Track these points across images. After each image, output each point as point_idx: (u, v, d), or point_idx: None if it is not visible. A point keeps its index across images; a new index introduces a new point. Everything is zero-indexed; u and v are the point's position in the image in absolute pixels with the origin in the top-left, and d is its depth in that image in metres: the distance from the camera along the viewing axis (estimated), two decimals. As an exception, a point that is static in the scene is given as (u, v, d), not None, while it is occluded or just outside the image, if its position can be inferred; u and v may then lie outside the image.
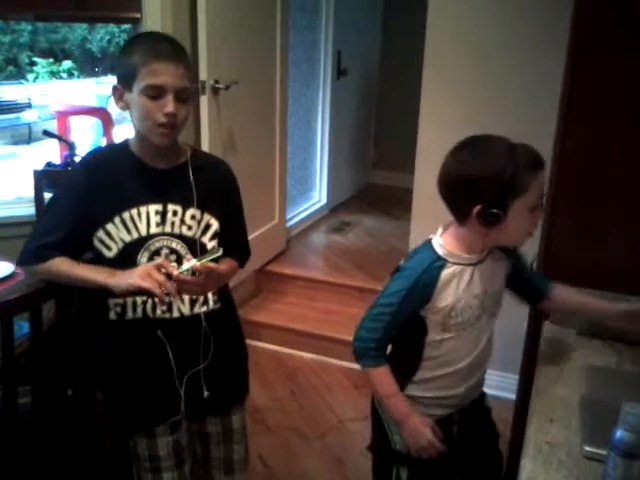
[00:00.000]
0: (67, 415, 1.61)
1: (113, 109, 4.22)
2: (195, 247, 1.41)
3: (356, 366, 2.90)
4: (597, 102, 1.58)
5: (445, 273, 1.30)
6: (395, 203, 4.78)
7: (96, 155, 1.48)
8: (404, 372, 1.41)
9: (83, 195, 1.37)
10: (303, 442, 2.43)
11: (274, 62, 3.18)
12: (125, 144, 1.43)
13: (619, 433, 0.96)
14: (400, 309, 1.33)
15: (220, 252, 1.36)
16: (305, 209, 4.26)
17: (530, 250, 1.57)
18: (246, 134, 3.03)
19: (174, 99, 1.30)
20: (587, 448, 1.10)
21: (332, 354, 3.01)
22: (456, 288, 1.32)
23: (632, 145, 1.53)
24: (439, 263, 1.31)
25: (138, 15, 2.36)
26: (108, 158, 1.43)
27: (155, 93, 1.29)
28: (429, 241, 1.35)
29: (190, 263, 1.29)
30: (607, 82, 1.57)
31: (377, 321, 1.37)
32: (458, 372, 1.40)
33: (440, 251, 1.32)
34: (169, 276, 1.27)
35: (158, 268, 1.27)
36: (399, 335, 1.40)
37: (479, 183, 1.23)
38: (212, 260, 1.32)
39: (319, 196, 4.49)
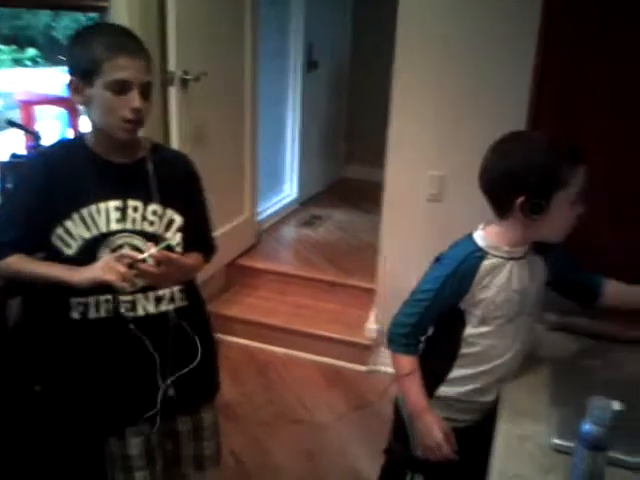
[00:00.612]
0: (34, 411, 1.58)
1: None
2: (157, 243, 1.37)
3: (327, 360, 2.96)
4: (567, 94, 1.59)
5: (485, 264, 1.31)
6: (366, 197, 4.79)
7: (52, 151, 1.43)
8: (438, 370, 1.40)
9: (40, 192, 1.33)
10: (275, 437, 2.43)
11: (244, 54, 3.15)
12: (81, 139, 1.39)
13: (586, 426, 0.98)
14: (438, 296, 1.33)
15: (174, 239, 1.37)
16: (276, 203, 4.24)
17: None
18: (216, 126, 2.99)
19: (139, 94, 1.27)
20: (555, 441, 1.13)
21: (303, 348, 3.01)
22: (496, 280, 1.31)
23: (601, 136, 1.55)
24: (479, 254, 1.31)
25: (105, 4, 2.30)
26: (64, 154, 1.39)
27: (121, 88, 1.26)
28: (470, 234, 1.36)
29: (149, 251, 1.28)
30: (577, 73, 1.58)
31: (415, 307, 1.36)
32: (493, 371, 1.37)
33: (481, 243, 1.33)
34: (131, 266, 1.25)
35: (119, 259, 1.26)
36: (435, 332, 1.40)
37: (523, 175, 1.24)
38: (164, 248, 1.31)
39: (290, 190, 4.47)
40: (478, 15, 2.39)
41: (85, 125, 1.39)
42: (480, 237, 1.34)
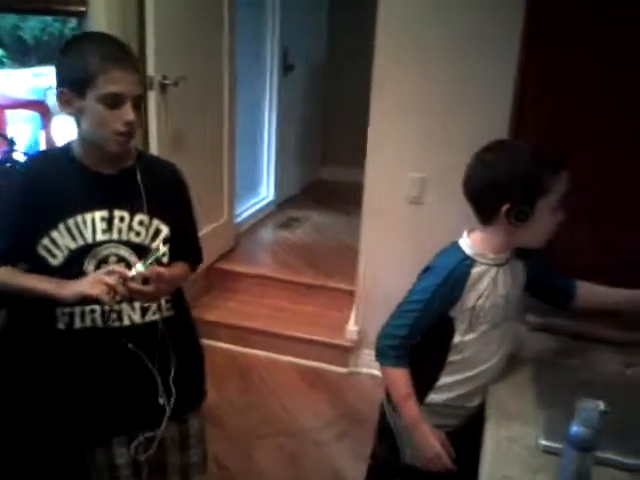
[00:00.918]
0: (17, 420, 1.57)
1: (52, 101, 4.06)
2: (145, 254, 1.36)
3: (308, 362, 2.97)
4: (550, 91, 1.62)
5: (475, 271, 1.33)
6: (343, 199, 4.81)
7: (37, 161, 1.43)
8: (427, 379, 1.42)
9: (25, 203, 1.32)
10: (258, 442, 2.43)
11: (222, 58, 3.14)
12: (67, 149, 1.37)
13: (575, 428, 1.02)
14: (428, 306, 1.34)
15: (161, 251, 1.35)
16: (253, 205, 4.24)
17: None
18: (194, 131, 2.98)
19: (132, 107, 1.27)
20: (543, 442, 1.16)
21: (284, 351, 3.02)
22: (485, 287, 1.34)
23: (584, 134, 1.58)
24: (468, 262, 1.34)
25: (83, 8, 2.28)
26: (49, 164, 1.38)
27: (114, 102, 1.25)
28: (456, 242, 1.39)
29: (136, 269, 1.27)
30: (560, 71, 1.60)
31: (404, 318, 1.38)
32: (479, 376, 1.40)
33: (469, 251, 1.35)
34: (123, 280, 1.25)
35: (109, 274, 1.25)
36: (423, 340, 1.41)
37: (508, 184, 1.28)
38: (155, 260, 1.30)
39: (267, 192, 4.47)
40: (460, 15, 2.41)
41: (59, 129, 1.38)
42: (466, 245, 1.37)
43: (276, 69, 4.18)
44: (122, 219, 1.36)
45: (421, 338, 1.42)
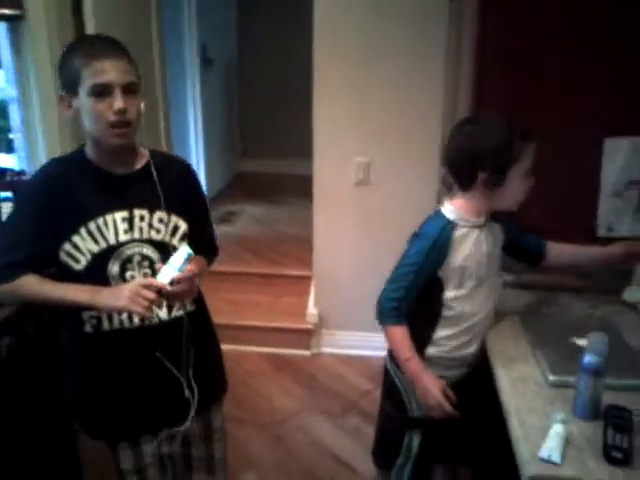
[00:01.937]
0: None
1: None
2: (165, 250, 1.39)
3: (273, 350, 3.05)
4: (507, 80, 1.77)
5: (457, 234, 1.46)
6: (271, 189, 4.89)
7: (53, 166, 1.40)
8: (424, 333, 1.53)
9: (45, 209, 1.31)
10: (242, 429, 2.48)
11: (153, 57, 3.11)
12: (81, 152, 1.38)
13: (588, 357, 1.18)
14: (422, 268, 1.47)
15: (190, 250, 1.35)
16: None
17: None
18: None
19: (122, 95, 1.27)
20: (551, 377, 1.33)
21: (248, 342, 3.07)
22: (468, 247, 1.47)
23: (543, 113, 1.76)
24: (450, 226, 1.47)
25: (19, 12, 2.19)
26: (66, 168, 1.37)
27: (102, 91, 1.26)
28: (439, 210, 1.51)
29: (172, 274, 1.29)
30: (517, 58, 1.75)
31: (401, 281, 1.49)
32: (472, 328, 1.52)
33: (451, 216, 1.48)
34: (158, 291, 1.27)
35: (146, 287, 1.26)
36: (417, 300, 1.52)
37: (486, 153, 1.41)
38: (187, 260, 1.32)
39: (199, 188, 4.46)
40: (395, 7, 2.57)
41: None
42: (449, 211, 1.50)
43: (197, 66, 4.18)
44: (142, 218, 1.37)
45: (416, 298, 1.54)
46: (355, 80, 2.70)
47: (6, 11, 2.21)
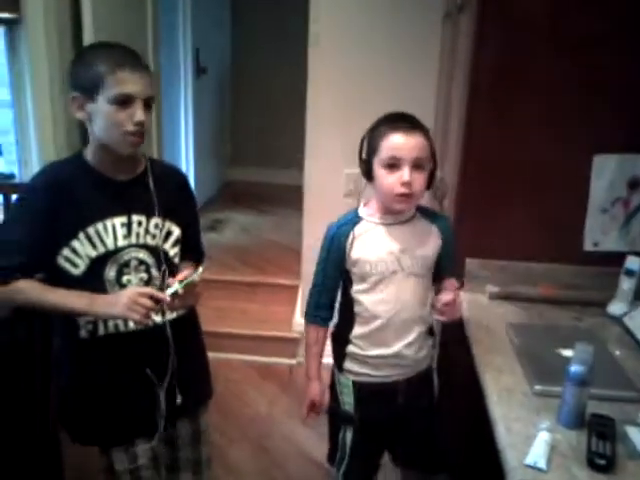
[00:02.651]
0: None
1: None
2: (159, 255, 1.42)
3: (259, 358, 3.05)
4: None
5: (358, 228, 1.49)
6: (259, 198, 4.91)
7: (55, 170, 1.40)
8: (343, 331, 1.56)
9: (45, 213, 1.31)
10: (225, 437, 2.48)
11: (149, 61, 3.12)
12: (80, 157, 1.39)
13: (573, 367, 1.21)
14: (327, 263, 1.52)
15: (198, 274, 1.36)
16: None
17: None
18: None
19: (142, 108, 1.31)
20: (537, 387, 1.35)
21: (232, 350, 3.07)
22: (368, 242, 1.48)
23: (530, 131, 1.80)
24: (355, 220, 1.50)
25: (16, 15, 2.21)
26: (66, 173, 1.38)
27: (124, 102, 1.28)
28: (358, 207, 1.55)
29: (174, 287, 1.31)
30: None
31: (315, 281, 1.56)
32: (385, 327, 1.51)
33: (360, 212, 1.52)
34: (157, 300, 1.29)
35: (145, 296, 1.27)
36: (340, 297, 1.56)
37: (360, 146, 1.48)
38: (191, 282, 1.34)
39: (188, 195, 4.46)
40: (390, 21, 2.63)
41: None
42: (361, 207, 1.54)
43: (190, 71, 4.20)
44: (140, 223, 1.39)
45: (341, 296, 1.58)
46: (348, 93, 2.74)
47: (3, 14, 2.23)
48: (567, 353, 1.45)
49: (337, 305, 1.60)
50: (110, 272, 1.36)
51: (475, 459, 1.75)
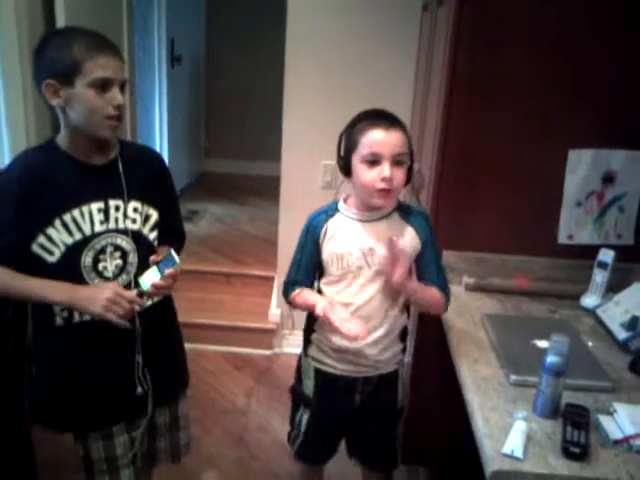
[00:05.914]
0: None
1: None
2: (139, 240, 1.41)
3: (235, 349, 3.04)
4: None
5: (331, 221, 1.50)
6: (235, 189, 4.89)
7: (30, 157, 1.37)
8: (310, 318, 1.59)
9: (19, 200, 1.29)
10: (201, 428, 2.47)
11: (124, 52, 3.07)
12: (53, 144, 1.36)
13: (549, 358, 1.23)
14: (303, 249, 1.53)
15: (177, 258, 1.37)
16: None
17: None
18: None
19: (119, 91, 1.30)
20: (513, 377, 1.37)
21: (207, 341, 3.06)
22: (340, 235, 1.49)
23: (507, 127, 1.82)
24: (331, 212, 1.51)
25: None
26: (40, 160, 1.35)
27: (103, 86, 1.27)
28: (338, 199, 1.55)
29: (154, 278, 1.33)
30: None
31: (293, 261, 1.56)
32: None
33: (340, 205, 1.52)
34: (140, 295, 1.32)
35: (125, 299, 1.29)
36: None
37: (339, 139, 1.49)
38: (172, 266, 1.35)
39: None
40: (367, 14, 2.62)
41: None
42: (341, 202, 1.54)
43: (164, 61, 4.14)
44: (117, 208, 1.37)
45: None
46: (326, 83, 2.73)
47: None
48: (542, 344, 1.48)
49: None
50: (86, 259, 1.34)
51: (454, 453, 1.78)
